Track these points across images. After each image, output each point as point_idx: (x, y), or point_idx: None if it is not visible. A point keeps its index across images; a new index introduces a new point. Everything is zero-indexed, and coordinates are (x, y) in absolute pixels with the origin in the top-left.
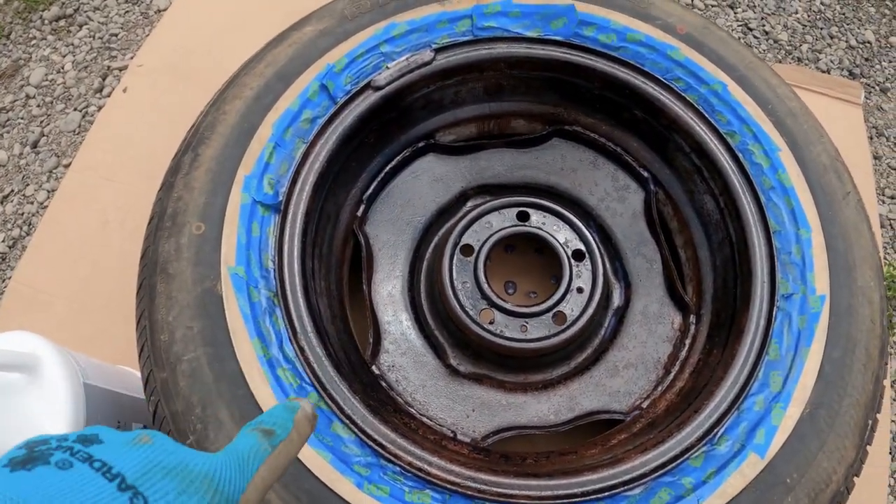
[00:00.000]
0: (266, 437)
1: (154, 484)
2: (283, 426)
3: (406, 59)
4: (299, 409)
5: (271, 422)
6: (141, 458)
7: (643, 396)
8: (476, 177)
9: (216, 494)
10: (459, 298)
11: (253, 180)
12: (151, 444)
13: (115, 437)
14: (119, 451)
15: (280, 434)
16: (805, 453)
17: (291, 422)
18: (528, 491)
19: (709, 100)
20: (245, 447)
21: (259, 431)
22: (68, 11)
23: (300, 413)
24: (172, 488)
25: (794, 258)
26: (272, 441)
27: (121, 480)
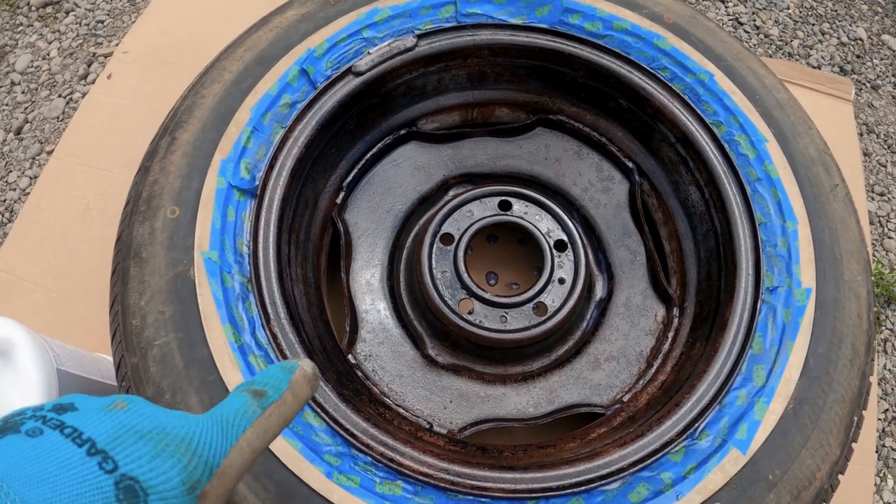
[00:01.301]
0: (256, 399)
1: (126, 448)
2: (276, 387)
3: (388, 45)
4: (297, 368)
5: (263, 382)
6: (114, 423)
7: (624, 390)
8: (458, 165)
9: (193, 458)
10: (438, 287)
11: (229, 164)
12: (126, 409)
13: (90, 404)
14: (92, 418)
15: (272, 395)
16: (788, 449)
17: (286, 382)
18: (502, 484)
19: (695, 89)
20: (231, 409)
21: (249, 392)
22: None
23: (298, 373)
24: (146, 452)
25: (780, 250)
26: (262, 402)
27: (90, 445)
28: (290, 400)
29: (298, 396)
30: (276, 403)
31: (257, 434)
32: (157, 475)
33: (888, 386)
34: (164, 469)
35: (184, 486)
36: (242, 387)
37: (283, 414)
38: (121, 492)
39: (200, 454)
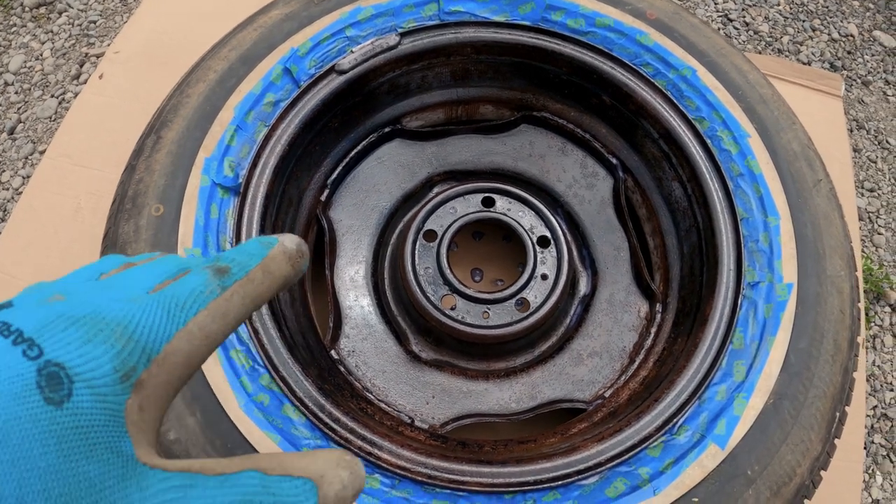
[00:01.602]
0: (217, 276)
1: (54, 335)
2: (244, 263)
3: (371, 43)
4: (276, 243)
5: (230, 257)
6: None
7: (607, 385)
8: (443, 163)
9: (129, 343)
10: (421, 284)
11: (213, 163)
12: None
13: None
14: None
15: (236, 273)
16: (767, 445)
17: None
18: (479, 478)
19: (678, 85)
20: (185, 288)
21: (211, 269)
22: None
23: (276, 248)
24: (76, 338)
25: (762, 246)
26: (224, 281)
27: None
28: (260, 278)
29: (273, 274)
30: (241, 282)
31: (213, 317)
32: (86, 361)
33: (877, 382)
34: (95, 355)
35: (116, 374)
36: (205, 263)
37: (249, 294)
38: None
39: (138, 339)
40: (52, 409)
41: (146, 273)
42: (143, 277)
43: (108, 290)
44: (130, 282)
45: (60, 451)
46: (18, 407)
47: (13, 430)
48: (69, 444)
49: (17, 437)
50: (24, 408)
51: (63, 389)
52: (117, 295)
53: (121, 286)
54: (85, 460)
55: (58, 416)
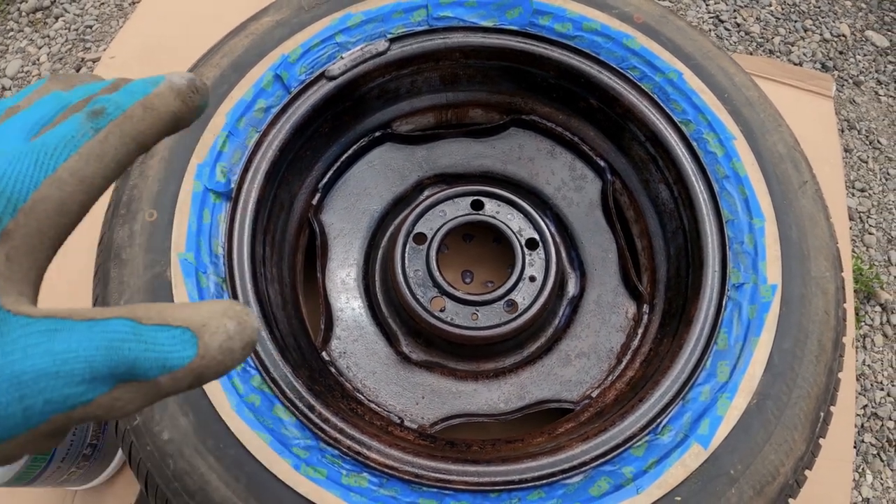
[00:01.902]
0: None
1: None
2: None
3: (360, 49)
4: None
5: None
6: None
7: (594, 386)
8: (433, 166)
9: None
10: (410, 286)
11: (205, 168)
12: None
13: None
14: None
15: (111, 112)
16: (750, 445)
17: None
18: (465, 477)
19: (664, 88)
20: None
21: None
22: (45, 3)
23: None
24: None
25: (747, 247)
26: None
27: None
28: (140, 114)
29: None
30: (117, 121)
31: (86, 160)
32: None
33: (867, 382)
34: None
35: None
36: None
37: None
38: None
39: (2, 190)
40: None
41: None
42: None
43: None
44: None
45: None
46: None
47: None
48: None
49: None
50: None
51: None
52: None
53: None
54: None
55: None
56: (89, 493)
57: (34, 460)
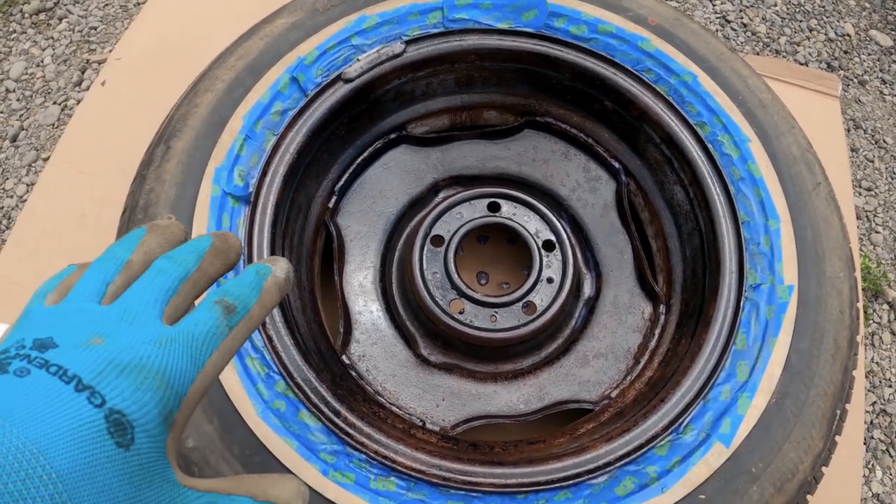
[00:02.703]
0: (226, 316)
1: (110, 383)
2: (247, 299)
3: (377, 52)
4: (270, 274)
5: (236, 293)
6: (95, 358)
7: (612, 386)
8: (448, 168)
9: (168, 390)
10: (429, 288)
11: (223, 172)
12: (104, 343)
13: (69, 339)
14: (74, 354)
15: (240, 312)
16: (771, 443)
17: (258, 292)
18: (492, 479)
19: (679, 91)
20: (202, 330)
21: (221, 307)
22: (48, 5)
23: (270, 280)
24: (128, 386)
25: (763, 248)
26: (231, 321)
27: (77, 382)
28: (257, 313)
29: (266, 307)
30: (244, 320)
31: (222, 356)
32: (140, 408)
33: (875, 379)
34: (145, 402)
35: (160, 417)
36: (214, 298)
37: (249, 328)
38: (111, 425)
39: (172, 385)
40: (122, 452)
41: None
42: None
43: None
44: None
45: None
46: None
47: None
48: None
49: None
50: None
51: (127, 434)
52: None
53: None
54: (147, 489)
55: (127, 458)
56: None
57: None
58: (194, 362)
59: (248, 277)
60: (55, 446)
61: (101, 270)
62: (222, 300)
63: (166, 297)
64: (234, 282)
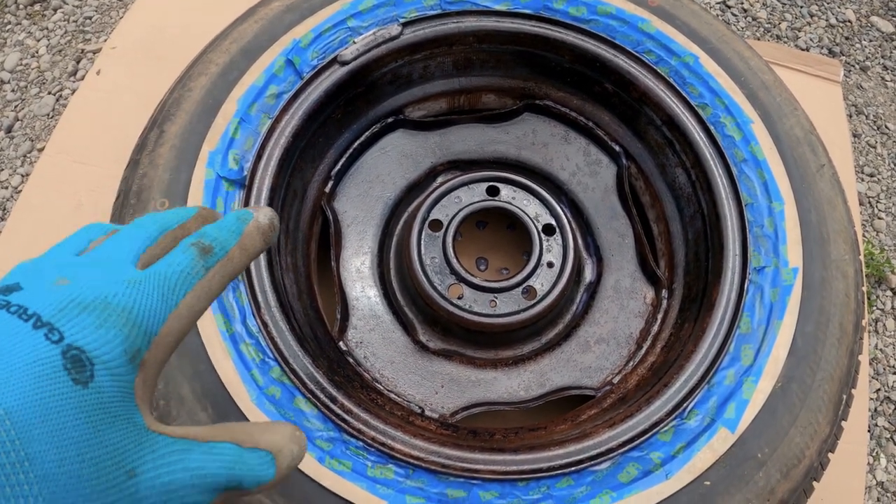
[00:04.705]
0: (202, 257)
1: (70, 320)
2: (225, 242)
3: (373, 34)
4: (251, 219)
5: (213, 235)
6: (58, 297)
7: (614, 372)
8: (446, 152)
9: (134, 328)
10: (427, 273)
11: (217, 156)
12: (69, 283)
13: (34, 282)
14: (37, 294)
15: (218, 253)
16: (777, 428)
17: (238, 236)
18: (493, 466)
19: (680, 72)
20: (175, 270)
21: (196, 248)
22: None
23: (251, 225)
24: (89, 323)
25: (767, 231)
26: (207, 262)
27: (36, 319)
28: (238, 256)
29: (248, 251)
30: (222, 262)
31: (198, 297)
32: (101, 345)
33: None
34: (108, 339)
35: (126, 356)
36: (191, 239)
37: (227, 272)
38: (68, 361)
39: (140, 323)
40: (79, 389)
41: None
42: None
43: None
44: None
45: (89, 423)
46: (52, 387)
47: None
48: (95, 417)
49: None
50: (57, 388)
51: (86, 371)
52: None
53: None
54: (109, 430)
55: (85, 395)
56: None
57: None
58: (166, 302)
59: (228, 221)
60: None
61: (87, 230)
62: (199, 242)
63: (143, 245)
64: (214, 225)
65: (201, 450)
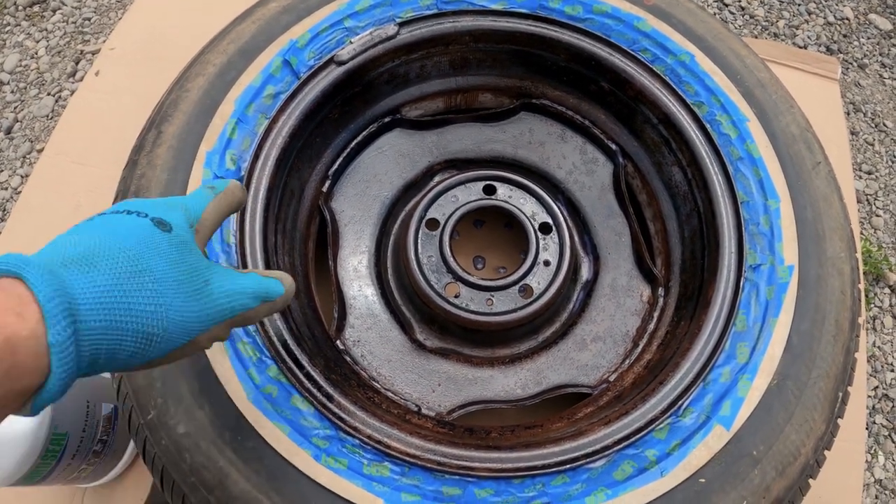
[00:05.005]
0: (212, 190)
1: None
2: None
3: (370, 34)
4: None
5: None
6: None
7: (611, 370)
8: (443, 151)
9: (187, 211)
10: (424, 272)
11: (215, 156)
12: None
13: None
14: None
15: (218, 188)
16: (772, 425)
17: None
18: (488, 463)
19: (676, 70)
20: (199, 192)
21: (205, 187)
22: None
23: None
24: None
25: (763, 228)
26: (214, 192)
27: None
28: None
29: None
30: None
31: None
32: (173, 219)
33: (877, 363)
34: (176, 217)
35: (186, 223)
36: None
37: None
38: (156, 223)
39: (189, 210)
40: (165, 233)
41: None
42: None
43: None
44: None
45: (176, 249)
46: (150, 231)
47: (152, 240)
48: (179, 247)
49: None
50: (152, 231)
51: (167, 227)
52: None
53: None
54: (188, 255)
55: (170, 237)
56: (99, 490)
57: (44, 457)
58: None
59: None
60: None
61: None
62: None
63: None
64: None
65: (241, 274)
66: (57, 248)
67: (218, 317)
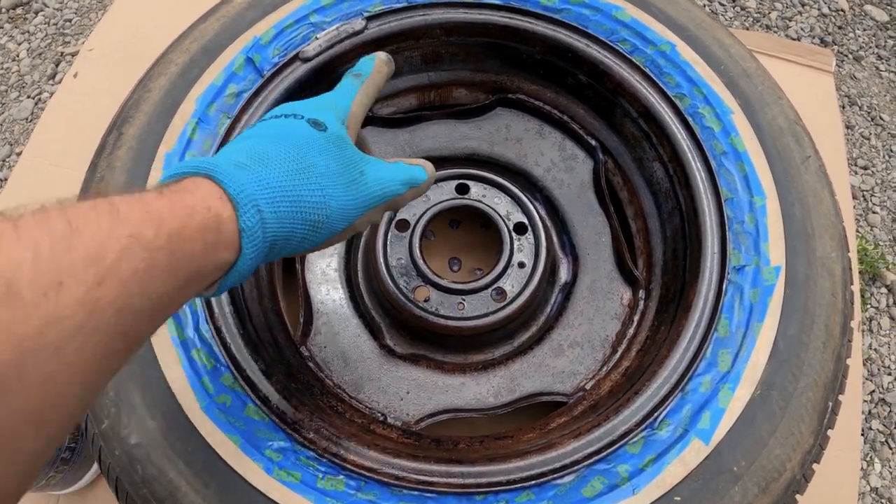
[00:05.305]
0: (356, 78)
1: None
2: (366, 70)
3: (336, 29)
4: (376, 56)
5: (359, 69)
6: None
7: (588, 377)
8: (417, 149)
9: (337, 109)
10: (393, 275)
11: (174, 158)
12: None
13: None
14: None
15: (364, 74)
16: (755, 439)
17: (372, 65)
18: (449, 478)
19: (656, 61)
20: (345, 85)
21: (351, 75)
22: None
23: (378, 58)
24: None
25: (748, 227)
26: (360, 80)
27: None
28: (376, 74)
29: (381, 72)
30: (369, 78)
31: (360, 96)
32: (326, 118)
33: (874, 366)
34: (328, 116)
35: (338, 121)
36: (351, 72)
37: (373, 81)
38: (311, 123)
39: (338, 107)
40: (321, 131)
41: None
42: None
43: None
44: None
45: (333, 145)
46: (307, 129)
47: (312, 140)
48: (335, 142)
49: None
50: (310, 129)
51: (322, 127)
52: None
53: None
54: (345, 149)
55: (326, 134)
56: (72, 497)
57: None
58: (347, 96)
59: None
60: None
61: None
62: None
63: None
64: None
65: (390, 164)
66: (233, 153)
67: (372, 202)
